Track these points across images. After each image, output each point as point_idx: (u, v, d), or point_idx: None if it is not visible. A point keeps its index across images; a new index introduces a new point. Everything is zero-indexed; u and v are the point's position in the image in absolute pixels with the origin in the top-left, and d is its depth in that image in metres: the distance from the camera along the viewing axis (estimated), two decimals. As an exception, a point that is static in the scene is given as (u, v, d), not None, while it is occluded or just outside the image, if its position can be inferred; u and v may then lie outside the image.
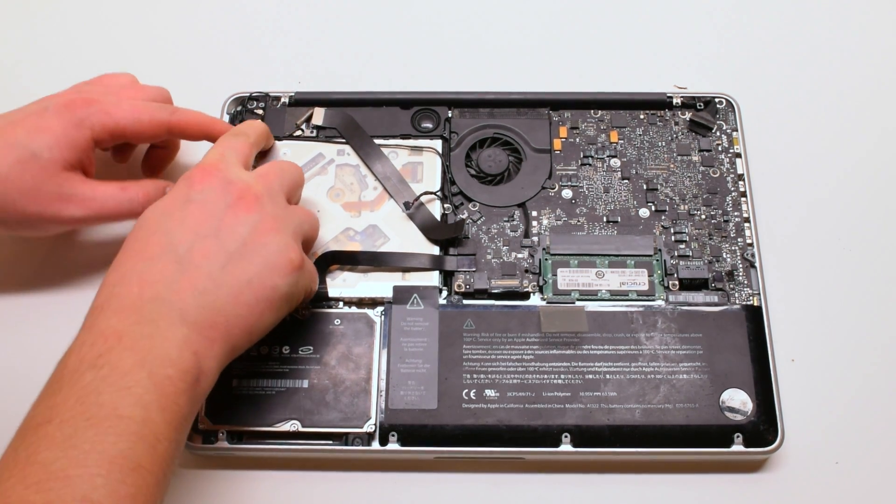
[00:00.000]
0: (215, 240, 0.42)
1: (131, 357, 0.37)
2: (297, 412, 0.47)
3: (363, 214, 0.53)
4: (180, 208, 0.42)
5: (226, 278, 0.41)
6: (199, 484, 0.47)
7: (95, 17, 0.64)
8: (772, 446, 0.46)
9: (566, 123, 0.56)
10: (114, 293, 0.39)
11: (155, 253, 0.41)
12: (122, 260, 0.41)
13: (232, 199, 0.43)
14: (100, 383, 0.36)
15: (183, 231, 0.42)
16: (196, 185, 0.43)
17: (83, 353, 0.37)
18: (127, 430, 0.35)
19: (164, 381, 0.37)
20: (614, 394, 0.47)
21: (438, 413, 0.47)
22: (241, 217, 0.43)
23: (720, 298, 0.50)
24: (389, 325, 0.49)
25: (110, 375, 0.36)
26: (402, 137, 0.55)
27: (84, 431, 0.34)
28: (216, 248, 0.42)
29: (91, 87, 0.50)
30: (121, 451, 0.34)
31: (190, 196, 0.43)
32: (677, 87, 0.58)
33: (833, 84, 0.60)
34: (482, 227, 0.52)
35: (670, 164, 0.54)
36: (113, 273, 0.41)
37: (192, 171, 0.44)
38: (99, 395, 0.35)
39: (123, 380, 0.36)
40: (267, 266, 0.42)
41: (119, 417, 0.35)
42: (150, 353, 0.37)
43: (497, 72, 0.61)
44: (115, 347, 0.37)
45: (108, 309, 0.39)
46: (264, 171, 0.46)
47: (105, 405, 0.35)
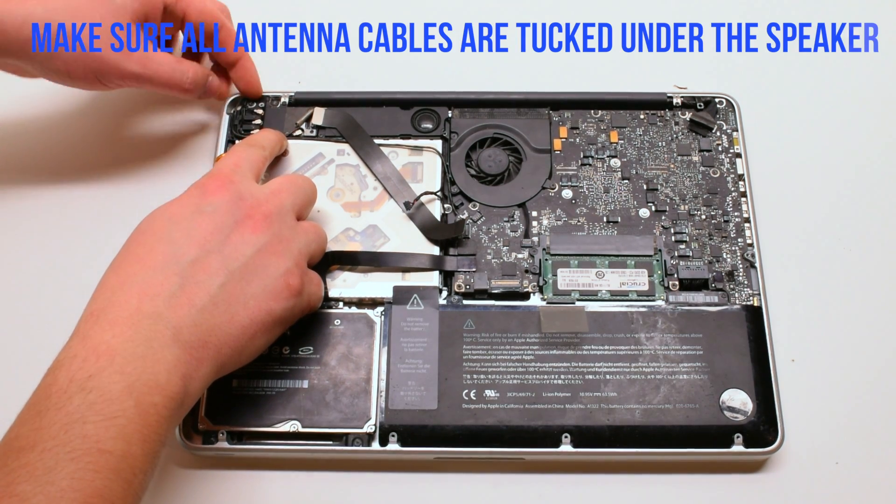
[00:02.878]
0: (219, 256, 0.42)
1: (121, 382, 0.36)
2: (297, 412, 0.47)
3: (363, 214, 0.53)
4: (189, 218, 0.42)
5: (223, 297, 0.41)
6: (199, 484, 0.47)
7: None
8: (772, 446, 0.46)
9: (566, 123, 0.56)
10: (112, 301, 0.39)
11: (158, 263, 0.41)
12: (123, 263, 0.41)
13: (241, 216, 0.43)
14: (86, 410, 0.35)
15: (189, 243, 0.41)
16: (208, 195, 0.43)
17: (73, 369, 0.36)
18: (106, 465, 0.35)
19: (149, 410, 0.37)
20: (614, 394, 0.47)
21: (438, 413, 0.47)
22: (248, 237, 0.43)
23: (720, 299, 0.50)
24: (389, 325, 0.49)
25: (98, 402, 0.36)
26: (402, 137, 0.55)
27: (65, 465, 0.34)
28: (218, 265, 0.42)
29: None
30: (96, 489, 0.34)
31: (201, 206, 0.43)
32: (677, 87, 0.58)
33: (833, 84, 0.60)
34: (482, 227, 0.52)
35: (670, 165, 0.54)
36: (113, 276, 0.41)
37: (205, 179, 0.44)
38: (84, 424, 0.35)
39: (110, 408, 0.36)
40: (265, 290, 0.43)
41: (100, 452, 0.35)
42: (140, 377, 0.37)
43: (497, 72, 0.61)
44: (105, 369, 0.37)
45: (103, 318, 0.38)
46: (277, 186, 0.46)
47: (89, 437, 0.35)
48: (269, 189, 0.46)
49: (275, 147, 0.51)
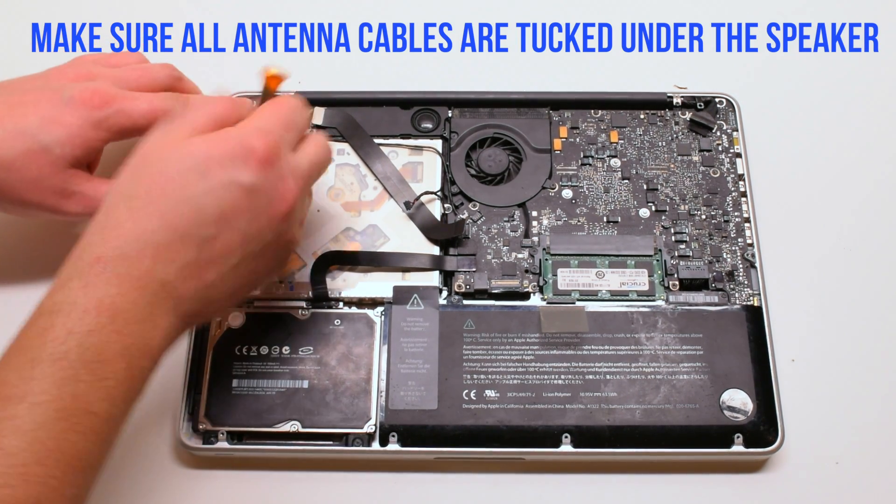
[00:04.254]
0: (242, 237, 0.40)
1: (118, 343, 0.36)
2: (297, 412, 0.47)
3: (363, 214, 0.53)
4: (225, 185, 0.39)
5: (232, 276, 0.41)
6: (199, 484, 0.47)
7: (100, 10, 0.64)
8: (772, 446, 0.46)
9: (566, 123, 0.56)
10: (125, 252, 0.37)
11: (181, 226, 0.38)
12: (143, 207, 0.38)
13: (276, 198, 0.41)
14: (81, 368, 0.35)
15: (217, 216, 0.39)
16: (252, 163, 0.40)
17: (73, 320, 0.36)
18: (91, 427, 0.35)
19: (136, 373, 0.37)
20: (615, 394, 0.47)
21: (438, 413, 0.47)
22: (275, 224, 0.41)
23: (720, 299, 0.50)
24: (389, 325, 0.49)
25: (93, 361, 0.35)
26: (402, 137, 0.55)
27: (53, 424, 0.34)
28: (238, 246, 0.40)
29: (98, 67, 0.49)
30: (79, 452, 0.35)
31: (241, 175, 0.39)
32: (677, 87, 0.58)
33: (833, 84, 0.60)
34: (482, 227, 0.52)
35: (670, 164, 0.54)
36: (129, 220, 0.38)
37: (255, 140, 0.40)
38: (77, 383, 0.35)
39: (103, 369, 0.36)
40: (271, 271, 0.44)
41: (88, 413, 0.35)
42: (136, 342, 0.37)
43: (497, 72, 0.61)
44: (106, 327, 0.36)
45: (111, 269, 0.37)
46: (312, 160, 0.44)
47: (80, 397, 0.35)
48: (304, 166, 0.43)
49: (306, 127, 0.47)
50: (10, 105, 0.45)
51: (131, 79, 0.48)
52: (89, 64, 0.49)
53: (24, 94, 0.46)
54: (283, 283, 0.50)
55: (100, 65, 0.49)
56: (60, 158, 0.45)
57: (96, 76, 0.48)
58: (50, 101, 0.46)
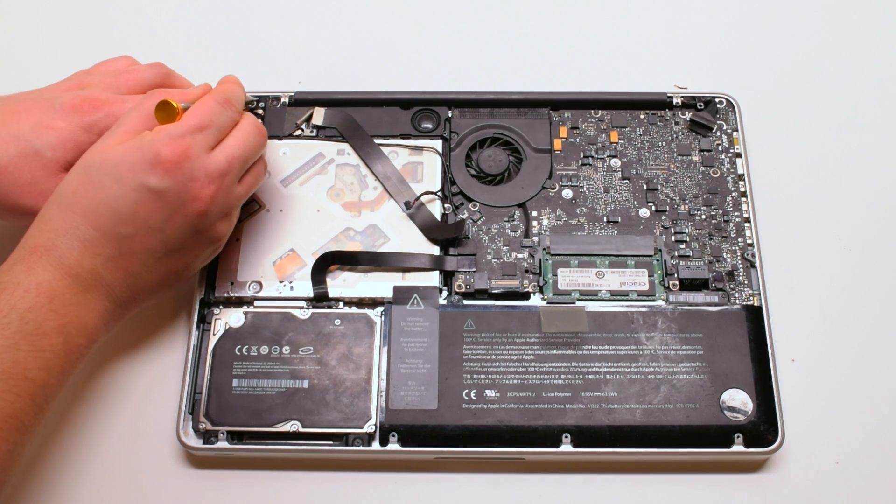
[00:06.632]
0: (160, 236, 0.44)
1: (55, 321, 0.41)
2: (297, 412, 0.47)
3: (363, 214, 0.53)
4: (136, 189, 0.42)
5: (159, 267, 0.45)
6: (199, 484, 0.47)
7: (93, 13, 0.64)
8: (772, 446, 0.46)
9: (566, 123, 0.56)
10: (56, 244, 0.42)
11: (101, 225, 0.42)
12: (70, 207, 0.42)
13: (188, 198, 0.44)
14: (21, 339, 0.39)
15: (132, 218, 0.43)
16: (159, 167, 0.42)
17: (16, 297, 0.40)
18: (27, 391, 0.39)
19: (73, 349, 0.41)
20: (615, 394, 0.47)
21: (439, 413, 0.47)
22: (191, 219, 0.44)
23: (720, 298, 0.50)
24: (389, 325, 0.49)
25: (32, 334, 0.40)
26: (402, 137, 0.55)
27: None
28: (158, 243, 0.44)
29: (91, 77, 0.50)
30: (14, 412, 0.39)
31: (149, 179, 0.42)
32: (677, 87, 0.58)
33: (833, 83, 0.60)
34: (482, 227, 0.52)
35: (670, 164, 0.54)
36: (58, 216, 0.42)
37: (162, 146, 0.43)
38: (17, 351, 0.39)
39: (41, 342, 0.40)
40: (200, 259, 0.47)
41: (25, 378, 0.39)
42: (73, 321, 0.41)
43: (497, 72, 0.61)
44: (44, 306, 0.40)
45: (47, 258, 0.42)
46: (229, 156, 0.45)
47: (18, 363, 0.39)
48: (221, 162, 0.44)
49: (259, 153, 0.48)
50: (4, 114, 0.47)
51: (121, 83, 0.50)
52: (82, 75, 0.51)
53: (18, 104, 0.47)
54: (284, 283, 0.50)
55: (92, 74, 0.51)
56: (52, 162, 0.46)
57: (88, 85, 0.49)
58: (42, 109, 0.47)
